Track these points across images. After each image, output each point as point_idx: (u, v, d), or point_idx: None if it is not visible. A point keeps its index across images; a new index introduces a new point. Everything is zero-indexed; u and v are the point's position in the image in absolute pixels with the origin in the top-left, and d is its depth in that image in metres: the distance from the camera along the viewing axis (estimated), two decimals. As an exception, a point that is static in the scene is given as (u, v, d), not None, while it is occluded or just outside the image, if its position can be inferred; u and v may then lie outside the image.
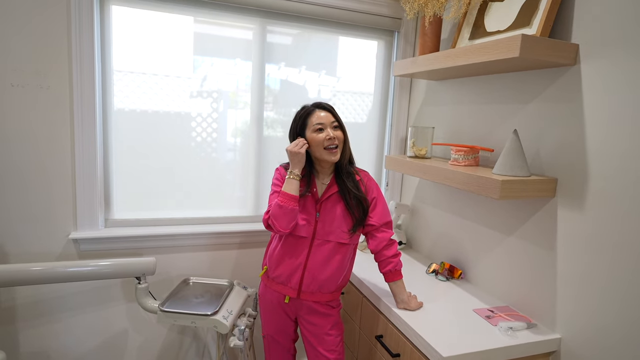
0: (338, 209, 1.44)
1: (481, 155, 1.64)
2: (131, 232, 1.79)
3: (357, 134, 2.18)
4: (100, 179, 1.75)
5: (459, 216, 1.75)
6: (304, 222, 1.42)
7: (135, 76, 1.77)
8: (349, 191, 1.43)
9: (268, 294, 1.51)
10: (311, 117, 1.41)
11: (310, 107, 1.43)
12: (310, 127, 1.40)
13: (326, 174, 1.48)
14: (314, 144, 1.40)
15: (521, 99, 1.45)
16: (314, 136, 1.39)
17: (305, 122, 1.41)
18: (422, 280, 1.69)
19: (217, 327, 1.53)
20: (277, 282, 1.47)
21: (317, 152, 1.41)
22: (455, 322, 1.35)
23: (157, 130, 1.84)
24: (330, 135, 1.38)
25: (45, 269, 1.52)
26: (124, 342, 1.86)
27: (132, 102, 1.78)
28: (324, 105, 1.44)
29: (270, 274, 1.49)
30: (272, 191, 1.47)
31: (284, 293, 1.46)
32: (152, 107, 1.82)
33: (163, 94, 1.83)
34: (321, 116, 1.40)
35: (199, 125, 1.90)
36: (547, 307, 1.34)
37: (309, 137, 1.41)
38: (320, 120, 1.39)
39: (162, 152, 1.86)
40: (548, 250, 1.34)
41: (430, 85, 1.98)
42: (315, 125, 1.39)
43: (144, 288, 1.66)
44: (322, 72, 2.07)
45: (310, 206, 1.44)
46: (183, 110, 1.86)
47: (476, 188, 1.33)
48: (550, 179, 1.31)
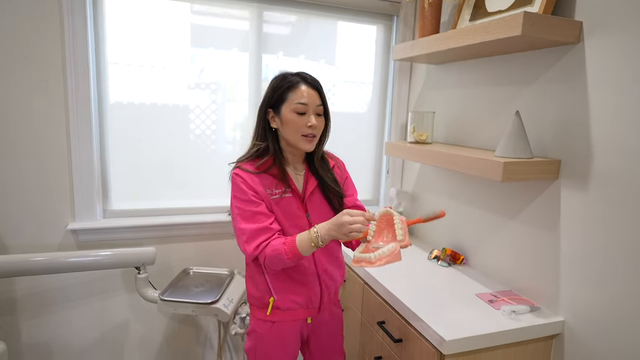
0: (321, 203, 1.25)
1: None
2: (130, 222, 1.78)
3: (357, 124, 2.15)
4: (98, 170, 1.73)
5: (461, 201, 1.74)
6: (296, 230, 1.18)
7: (132, 68, 1.75)
8: (329, 187, 1.24)
9: (279, 330, 1.24)
10: (294, 91, 1.13)
11: (293, 78, 1.14)
12: (291, 104, 1.13)
13: (298, 161, 1.25)
14: (290, 127, 1.14)
15: (523, 80, 1.42)
16: (293, 118, 1.13)
17: (285, 95, 1.13)
18: (424, 267, 1.68)
19: (218, 316, 1.52)
20: (294, 310, 1.23)
21: (291, 136, 1.15)
22: (458, 306, 1.34)
23: (155, 122, 1.82)
24: (313, 123, 1.14)
25: (44, 259, 1.51)
26: (125, 332, 1.86)
27: (129, 95, 1.76)
28: (311, 80, 1.16)
29: (281, 305, 1.21)
30: (248, 212, 1.12)
31: (306, 316, 1.26)
32: (150, 100, 1.80)
33: (161, 86, 1.80)
34: (306, 94, 1.13)
35: (198, 118, 1.87)
36: (551, 291, 1.33)
37: (285, 116, 1.14)
38: (304, 100, 1.13)
39: (161, 144, 1.84)
40: (551, 233, 1.32)
41: (430, 69, 1.95)
42: (296, 105, 1.12)
43: (143, 278, 1.65)
44: (321, 60, 2.04)
45: (297, 207, 1.20)
46: (181, 103, 1.84)
47: (478, 171, 1.31)
48: (554, 161, 1.29)
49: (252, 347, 1.26)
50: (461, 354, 1.17)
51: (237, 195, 1.14)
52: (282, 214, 1.17)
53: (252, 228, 1.12)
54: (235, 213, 1.14)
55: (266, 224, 1.13)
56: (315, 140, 1.18)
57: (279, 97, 1.14)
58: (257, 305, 1.24)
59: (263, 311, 1.23)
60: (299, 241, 1.09)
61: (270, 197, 1.16)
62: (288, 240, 1.11)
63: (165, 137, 1.84)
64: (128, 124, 1.78)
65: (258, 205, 1.13)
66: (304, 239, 1.09)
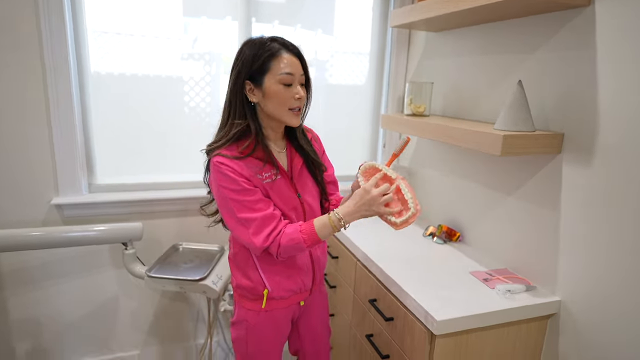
0: (308, 180, 1.18)
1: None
2: (117, 197, 1.73)
3: (353, 97, 2.06)
4: (81, 143, 1.66)
5: (458, 177, 1.67)
6: (293, 212, 1.12)
7: (122, 37, 1.66)
8: (314, 162, 1.17)
9: (272, 317, 1.18)
10: (277, 60, 1.00)
11: (274, 45, 1.01)
12: (275, 74, 1.01)
13: (278, 137, 1.14)
14: (275, 100, 1.03)
15: (527, 47, 1.33)
16: (279, 90, 1.02)
17: (267, 65, 1.00)
18: (418, 244, 1.63)
19: (207, 293, 1.49)
20: (289, 297, 1.18)
21: (277, 110, 1.04)
22: (452, 285, 1.30)
23: (146, 94, 1.74)
24: (301, 94, 1.05)
25: (28, 234, 1.47)
26: (116, 308, 1.84)
27: (118, 65, 1.68)
28: (293, 47, 1.05)
29: (276, 295, 1.15)
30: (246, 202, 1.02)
31: (299, 300, 1.22)
32: (142, 70, 1.72)
33: (152, 57, 1.72)
34: (291, 63, 1.02)
35: (192, 90, 1.80)
36: (548, 270, 1.28)
37: (269, 88, 1.01)
38: (290, 70, 1.02)
39: (152, 117, 1.76)
40: (551, 211, 1.26)
41: (429, 37, 1.84)
42: (282, 75, 1.01)
43: (131, 254, 1.62)
44: (318, 30, 1.94)
45: (287, 188, 1.11)
46: (174, 74, 1.76)
47: (476, 144, 1.24)
48: (556, 134, 1.21)
49: (242, 337, 1.18)
50: (452, 334, 1.13)
51: (228, 186, 1.01)
52: (278, 199, 1.08)
53: (256, 218, 1.02)
54: (230, 206, 1.02)
55: (269, 212, 1.04)
56: (300, 114, 1.10)
57: (259, 66, 1.01)
58: (248, 297, 1.16)
59: (255, 303, 1.16)
60: (318, 228, 1.04)
61: (263, 182, 1.06)
62: (305, 227, 1.05)
63: (156, 110, 1.76)
64: (116, 96, 1.70)
65: (254, 193, 1.03)
66: (324, 225, 1.04)
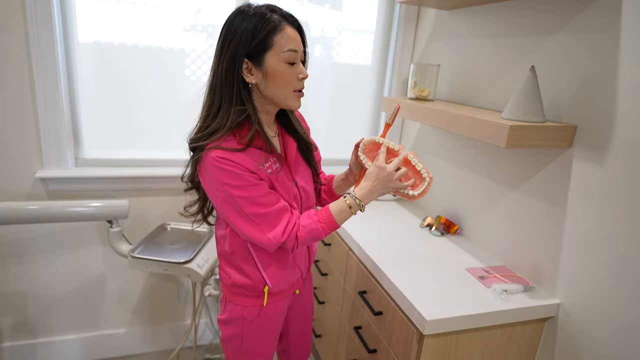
0: (301, 164, 1.08)
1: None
2: (105, 172, 1.66)
3: (357, 77, 1.96)
4: (67, 114, 1.59)
5: (460, 166, 1.58)
6: (294, 201, 1.02)
7: (123, 5, 1.58)
8: (307, 145, 1.08)
9: (270, 310, 1.10)
10: (280, 35, 0.88)
11: (275, 17, 0.88)
12: (278, 52, 0.88)
13: (271, 121, 1.02)
14: (279, 81, 0.90)
15: (544, 29, 1.22)
16: (284, 69, 0.89)
17: (270, 40, 0.87)
18: (414, 235, 1.56)
19: (191, 276, 1.43)
20: (288, 288, 1.12)
21: (280, 92, 0.92)
22: (446, 282, 1.23)
23: (142, 65, 1.66)
24: (305, 73, 0.94)
25: (8, 208, 1.41)
26: (103, 285, 1.80)
27: (113, 35, 1.60)
28: (294, 20, 0.92)
29: (276, 290, 1.07)
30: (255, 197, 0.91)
31: (295, 289, 1.16)
32: (141, 41, 1.63)
33: (153, 27, 1.63)
34: (294, 38, 0.90)
35: (194, 63, 1.71)
36: (549, 270, 1.21)
37: (272, 68, 0.89)
38: (294, 46, 0.89)
39: (148, 89, 1.69)
40: (556, 208, 1.18)
41: (439, 16, 1.72)
42: (286, 52, 0.88)
43: (116, 232, 1.56)
44: (325, 5, 1.82)
45: (286, 176, 1.02)
46: (176, 46, 1.68)
47: (480, 134, 1.15)
48: (568, 126, 1.12)
49: (237, 335, 1.09)
50: (442, 334, 1.07)
51: (233, 182, 0.89)
52: (282, 189, 0.98)
53: (268, 213, 0.93)
54: (238, 204, 0.91)
55: (281, 204, 0.95)
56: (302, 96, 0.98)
57: (260, 42, 0.87)
58: (246, 295, 1.06)
59: (254, 300, 1.07)
60: (336, 214, 0.98)
61: (267, 173, 0.95)
62: (322, 216, 0.97)
63: (153, 82, 1.68)
64: (107, 67, 1.62)
65: (261, 187, 0.93)
66: (342, 210, 0.98)
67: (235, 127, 0.91)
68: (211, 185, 0.92)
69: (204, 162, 0.91)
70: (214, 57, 0.92)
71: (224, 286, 1.10)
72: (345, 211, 0.98)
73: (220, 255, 1.09)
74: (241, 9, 0.90)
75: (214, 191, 0.92)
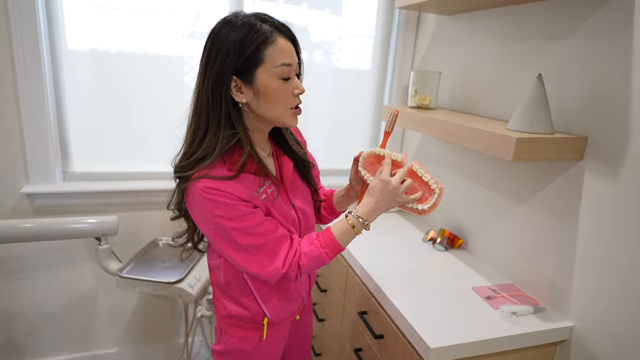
0: (299, 184, 0.99)
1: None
2: (95, 186, 1.60)
3: (355, 84, 1.90)
4: (54, 127, 1.53)
5: (464, 178, 1.52)
6: (292, 226, 0.93)
7: (121, 13, 1.53)
8: (304, 163, 0.99)
9: (272, 342, 1.02)
10: (272, 47, 0.79)
11: (265, 28, 0.78)
12: (271, 66, 0.79)
13: (264, 140, 0.93)
14: (273, 99, 0.82)
15: (549, 34, 1.16)
16: (277, 86, 0.81)
17: (261, 54, 0.78)
18: (417, 250, 1.49)
19: (183, 297, 1.37)
20: (288, 316, 1.03)
21: (274, 111, 0.83)
22: (451, 303, 1.16)
23: (135, 73, 1.60)
24: (301, 88, 0.85)
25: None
26: (94, 303, 1.74)
27: (106, 43, 1.55)
28: (287, 29, 0.83)
29: (276, 320, 0.99)
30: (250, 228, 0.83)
31: (295, 315, 1.08)
32: (135, 49, 1.58)
33: (149, 34, 1.58)
34: (288, 50, 0.81)
35: (193, 70, 1.66)
36: (560, 289, 1.13)
37: (265, 85, 0.80)
38: (288, 59, 0.81)
39: (142, 98, 1.63)
40: (567, 223, 1.11)
41: (440, 21, 1.66)
42: (279, 67, 0.80)
43: (105, 249, 1.50)
44: (325, 10, 1.77)
45: (283, 200, 0.92)
46: (174, 53, 1.63)
47: (485, 146, 1.09)
48: (579, 138, 1.05)
49: None
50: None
51: (225, 214, 0.80)
52: (280, 215, 0.89)
53: (266, 243, 0.84)
54: (231, 236, 0.82)
55: (279, 233, 0.87)
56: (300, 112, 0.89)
57: (250, 57, 0.78)
58: (245, 327, 0.98)
59: (253, 332, 0.99)
60: (339, 236, 0.88)
61: (262, 199, 0.86)
62: (324, 240, 0.88)
63: (148, 91, 1.63)
64: (97, 75, 1.57)
65: (257, 215, 0.84)
66: (345, 231, 0.89)
67: (225, 152, 0.82)
68: (201, 217, 0.84)
69: (191, 193, 0.82)
70: (198, 75, 0.83)
71: (218, 316, 1.01)
72: (348, 232, 0.89)
73: (215, 285, 1.00)
74: (227, 18, 0.80)
75: (204, 223, 0.84)
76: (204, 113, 0.81)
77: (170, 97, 1.65)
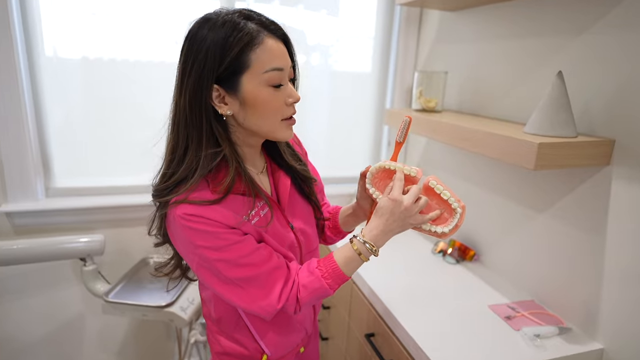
0: (297, 202, 0.87)
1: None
2: (80, 202, 1.50)
3: (355, 87, 1.80)
4: (34, 139, 1.43)
5: (475, 185, 1.41)
6: (290, 250, 0.82)
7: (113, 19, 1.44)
8: (303, 179, 0.87)
9: None
10: (260, 50, 0.67)
11: (250, 27, 0.67)
12: (258, 72, 0.67)
13: (256, 154, 0.82)
14: (263, 109, 0.70)
15: (569, 28, 1.06)
16: (267, 95, 0.69)
17: (245, 59, 0.66)
18: (426, 263, 1.39)
19: (174, 321, 1.26)
20: (290, 350, 0.92)
21: (265, 124, 0.72)
22: (467, 324, 1.05)
23: (121, 81, 1.50)
24: (297, 97, 0.73)
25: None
26: (81, 326, 1.63)
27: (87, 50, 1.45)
28: (276, 28, 0.71)
29: (276, 356, 0.88)
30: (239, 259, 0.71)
31: (299, 348, 0.96)
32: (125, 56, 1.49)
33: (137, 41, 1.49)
34: (278, 52, 0.69)
35: None
36: (587, 307, 1.03)
37: (253, 94, 0.69)
38: (279, 63, 0.69)
39: (130, 107, 1.53)
40: (594, 235, 1.01)
41: (444, 17, 1.56)
42: (269, 73, 0.68)
43: (91, 271, 1.40)
44: (322, 11, 1.68)
45: (280, 223, 0.80)
46: (164, 61, 1.53)
47: (500, 152, 0.99)
48: (605, 141, 0.95)
49: None
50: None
51: (208, 244, 0.69)
52: (275, 240, 0.78)
53: (258, 275, 0.73)
54: (216, 268, 0.71)
55: (273, 263, 0.75)
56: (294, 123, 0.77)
57: (233, 61, 0.66)
58: None
59: None
60: (344, 265, 0.76)
61: (253, 224, 0.74)
62: (325, 269, 0.76)
63: (140, 100, 1.53)
64: (80, 84, 1.47)
65: (246, 243, 0.73)
66: (350, 259, 0.76)
67: (209, 172, 0.71)
68: (182, 247, 0.73)
69: (170, 220, 0.71)
70: (175, 84, 0.71)
71: (213, 353, 0.90)
72: (354, 260, 0.76)
73: (207, 318, 0.89)
74: (207, 16, 0.68)
75: (186, 254, 0.74)
76: (182, 129, 0.70)
77: (159, 107, 1.55)
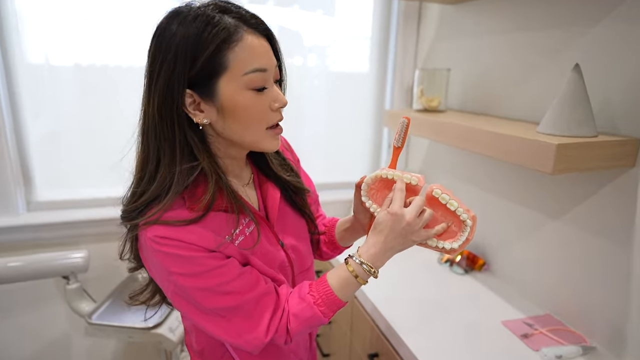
0: (288, 216, 0.77)
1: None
2: (64, 216, 1.42)
3: (352, 87, 1.71)
4: (13, 150, 1.35)
5: (483, 189, 1.32)
6: (280, 272, 0.72)
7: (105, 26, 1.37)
8: (295, 190, 0.77)
9: None
10: (238, 48, 0.57)
11: (227, 21, 0.57)
12: (237, 73, 0.58)
13: (240, 165, 0.72)
14: (245, 117, 0.61)
15: (583, 18, 0.97)
16: (249, 99, 0.60)
17: (221, 59, 0.57)
18: (433, 274, 1.29)
19: (162, 343, 1.17)
20: None
21: (247, 134, 0.63)
22: (479, 344, 0.96)
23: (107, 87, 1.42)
24: (282, 100, 0.63)
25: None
26: (67, 347, 1.54)
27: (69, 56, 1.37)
28: (258, 22, 0.61)
29: None
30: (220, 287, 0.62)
31: None
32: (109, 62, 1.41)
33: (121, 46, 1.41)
34: (261, 50, 0.60)
35: None
36: (612, 322, 0.94)
37: (231, 100, 0.59)
38: (262, 63, 0.60)
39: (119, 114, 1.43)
40: (619, 244, 0.91)
41: (445, 11, 1.47)
42: (250, 75, 0.59)
43: (75, 289, 1.31)
44: (318, 11, 1.60)
45: (268, 241, 0.71)
46: None
47: (513, 156, 0.90)
48: (629, 140, 0.86)
49: None
50: None
51: (182, 270, 0.60)
52: (263, 262, 0.68)
53: (241, 304, 0.63)
54: (194, 297, 0.62)
55: (260, 289, 0.65)
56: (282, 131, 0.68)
57: (208, 61, 0.57)
58: None
59: None
60: (338, 289, 0.67)
61: (236, 244, 0.64)
62: (318, 295, 0.66)
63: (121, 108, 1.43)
64: (64, 93, 1.39)
65: (229, 268, 0.63)
66: (346, 282, 0.67)
67: (185, 188, 0.61)
68: (156, 273, 0.64)
69: (142, 244, 0.62)
70: (143, 89, 0.62)
71: None
72: (350, 283, 0.67)
73: (189, 348, 0.80)
74: (178, 9, 0.58)
75: (161, 281, 0.64)
76: (152, 140, 0.60)
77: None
